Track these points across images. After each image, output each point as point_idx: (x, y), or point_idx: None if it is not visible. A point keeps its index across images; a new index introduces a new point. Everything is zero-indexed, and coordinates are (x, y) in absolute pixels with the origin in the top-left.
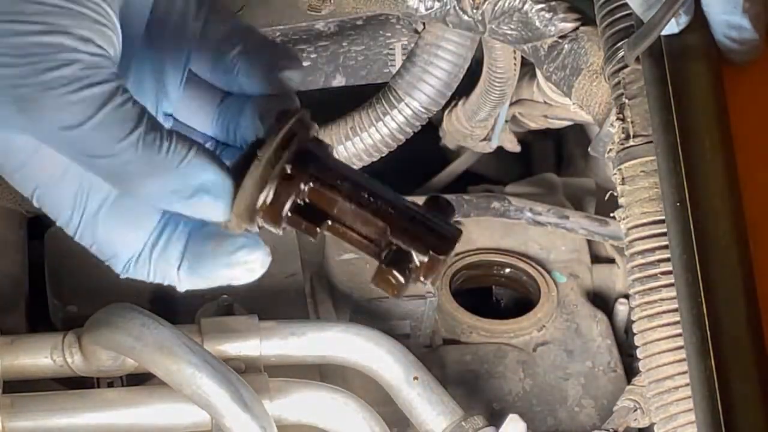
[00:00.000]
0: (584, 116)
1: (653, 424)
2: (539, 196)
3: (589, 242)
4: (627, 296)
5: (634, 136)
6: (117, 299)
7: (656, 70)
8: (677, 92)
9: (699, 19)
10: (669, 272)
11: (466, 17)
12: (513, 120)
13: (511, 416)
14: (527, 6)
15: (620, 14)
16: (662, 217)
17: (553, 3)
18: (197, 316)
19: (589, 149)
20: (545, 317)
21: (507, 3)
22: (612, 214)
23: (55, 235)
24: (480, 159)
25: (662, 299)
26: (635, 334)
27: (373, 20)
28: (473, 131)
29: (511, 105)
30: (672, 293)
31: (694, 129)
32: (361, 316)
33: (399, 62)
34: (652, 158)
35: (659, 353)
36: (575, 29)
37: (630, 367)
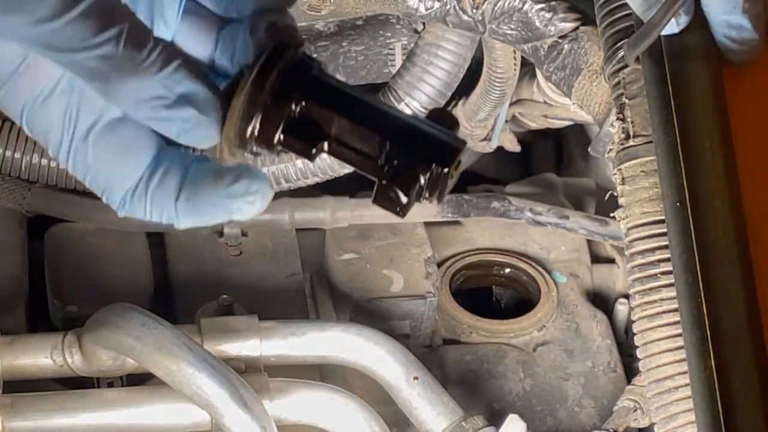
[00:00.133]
0: (584, 116)
1: (653, 424)
2: (539, 196)
3: (589, 242)
4: (627, 296)
5: (634, 136)
6: (117, 299)
7: (656, 70)
8: (677, 92)
9: (699, 19)
10: (669, 272)
11: (466, 17)
12: (513, 120)
13: (511, 416)
14: (527, 6)
15: (620, 14)
16: (662, 217)
17: (553, 3)
18: (197, 316)
19: (589, 149)
20: (545, 317)
21: (507, 3)
22: (612, 214)
23: (55, 235)
24: (480, 159)
25: (662, 299)
26: (635, 334)
27: (373, 20)
28: (473, 131)
29: (511, 105)
30: (672, 293)
31: (694, 129)
32: (361, 316)
33: (399, 62)
34: (652, 158)
35: (659, 353)
36: (575, 29)
37: (630, 367)
